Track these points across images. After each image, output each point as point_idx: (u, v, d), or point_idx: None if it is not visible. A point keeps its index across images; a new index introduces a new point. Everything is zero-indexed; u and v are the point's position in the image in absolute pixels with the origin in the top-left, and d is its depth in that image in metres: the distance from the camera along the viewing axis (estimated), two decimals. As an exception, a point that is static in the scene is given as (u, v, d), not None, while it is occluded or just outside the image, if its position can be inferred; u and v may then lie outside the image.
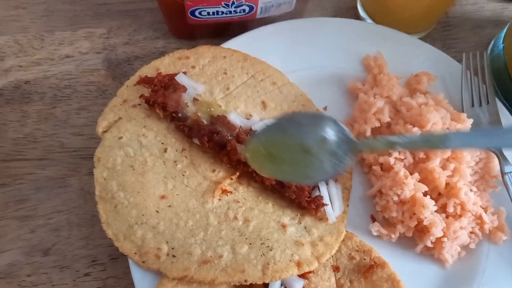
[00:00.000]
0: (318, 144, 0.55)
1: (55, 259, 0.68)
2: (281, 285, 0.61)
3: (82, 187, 0.72)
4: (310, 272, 0.62)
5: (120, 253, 0.61)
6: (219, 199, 0.65)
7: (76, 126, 0.76)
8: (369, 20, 0.86)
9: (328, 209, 0.65)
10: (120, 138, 0.66)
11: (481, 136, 0.53)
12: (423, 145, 0.54)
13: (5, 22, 0.84)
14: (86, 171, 0.73)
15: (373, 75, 0.75)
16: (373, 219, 0.69)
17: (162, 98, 0.66)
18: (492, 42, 0.85)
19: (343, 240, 0.66)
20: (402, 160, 0.68)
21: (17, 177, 0.72)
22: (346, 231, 0.66)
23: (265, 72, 0.74)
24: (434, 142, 0.52)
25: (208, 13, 0.74)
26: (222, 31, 0.80)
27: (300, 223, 0.65)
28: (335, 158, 0.54)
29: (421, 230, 0.66)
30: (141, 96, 0.67)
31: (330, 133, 0.54)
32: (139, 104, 0.69)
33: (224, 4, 0.72)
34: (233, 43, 0.75)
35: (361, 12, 0.87)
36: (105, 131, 0.67)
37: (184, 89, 0.68)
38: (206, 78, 0.72)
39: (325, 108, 0.75)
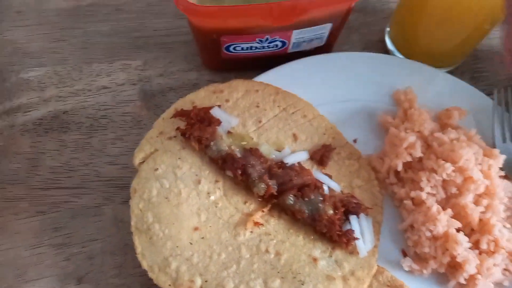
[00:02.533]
0: None
1: (89, 287, 0.69)
2: (313, 320, 0.61)
3: (115, 215, 0.74)
4: (342, 307, 0.62)
5: (153, 282, 0.62)
6: (251, 232, 0.66)
7: (111, 156, 0.79)
8: (397, 53, 0.87)
9: (359, 243, 0.66)
10: (156, 169, 0.68)
11: None
12: None
13: (46, 53, 0.87)
14: (120, 200, 0.75)
15: (403, 109, 0.76)
16: (404, 254, 0.69)
17: (197, 131, 0.68)
18: (523, 76, 0.85)
19: (374, 274, 0.65)
20: (434, 195, 0.68)
21: (55, 204, 0.75)
22: (377, 265, 0.66)
23: (296, 105, 0.76)
24: None
25: (242, 48, 0.76)
26: (253, 64, 0.82)
27: (331, 256, 0.66)
28: None
29: (454, 266, 0.66)
30: (177, 128, 0.69)
31: None
32: (174, 137, 0.70)
33: (258, 40, 0.74)
34: (265, 77, 0.77)
35: (390, 45, 0.88)
36: (141, 163, 0.69)
37: (218, 122, 0.70)
38: (239, 111, 0.73)
39: (355, 141, 0.76)
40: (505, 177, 0.71)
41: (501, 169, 0.71)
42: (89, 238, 0.72)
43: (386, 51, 0.89)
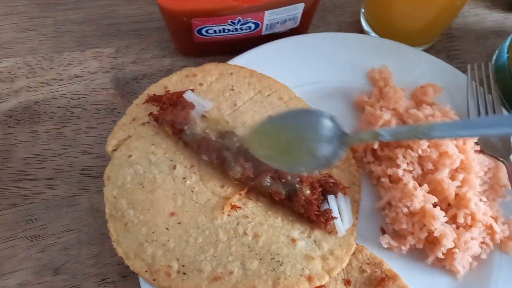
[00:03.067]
0: (314, 134, 0.60)
1: (65, 278, 0.68)
2: (293, 300, 0.61)
3: (91, 205, 0.73)
4: (321, 286, 0.62)
5: (130, 270, 0.61)
6: (228, 215, 0.65)
7: (85, 145, 0.77)
8: (373, 34, 0.87)
9: (337, 222, 0.65)
10: (130, 156, 0.67)
11: (466, 126, 0.56)
12: (408, 135, 0.58)
13: (15, 44, 0.85)
14: (95, 189, 0.74)
15: (378, 88, 0.76)
16: (383, 231, 0.69)
17: (170, 115, 0.66)
18: (496, 52, 0.85)
19: (354, 253, 0.65)
20: (410, 171, 0.68)
21: (27, 196, 0.73)
22: (356, 244, 0.66)
23: (272, 88, 0.75)
24: (419, 132, 0.55)
25: (215, 31, 0.75)
26: (228, 48, 0.81)
27: (310, 237, 0.65)
28: (330, 148, 0.60)
29: (432, 241, 0.66)
30: (150, 114, 0.68)
31: (326, 125, 0.60)
32: (147, 122, 0.69)
33: (230, 22, 0.73)
34: (239, 60, 0.76)
35: (365, 26, 0.88)
36: (114, 150, 0.68)
37: (192, 106, 0.68)
38: (214, 95, 0.72)
39: (331, 122, 0.76)
40: (480, 151, 0.72)
41: (476, 143, 0.71)
42: (65, 229, 0.71)
43: (362, 32, 0.88)
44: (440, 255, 0.65)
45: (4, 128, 0.78)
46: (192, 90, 0.71)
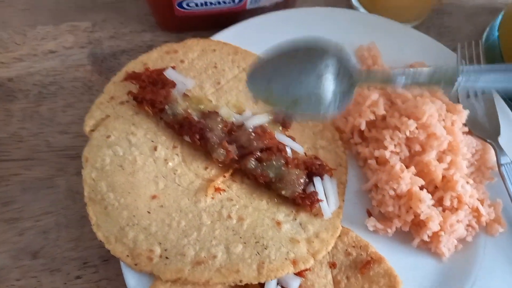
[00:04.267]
0: (317, 81, 0.55)
1: (44, 262, 0.66)
2: (277, 284, 0.60)
3: (70, 187, 0.70)
4: (306, 269, 0.61)
5: (112, 254, 0.60)
6: (212, 198, 0.63)
7: (62, 124, 0.74)
8: (362, 9, 0.84)
9: (323, 204, 0.64)
10: (108, 137, 0.64)
11: (496, 71, 0.52)
12: (431, 80, 0.51)
13: (-16, 17, 0.80)
14: (74, 170, 0.71)
15: (367, 66, 0.73)
16: (369, 214, 0.68)
17: (150, 94, 0.64)
18: (487, 30, 0.83)
19: (339, 236, 0.64)
20: (397, 153, 0.67)
21: (3, 178, 0.70)
22: (342, 226, 0.65)
23: (257, 65, 0.72)
24: (444, 76, 0.50)
25: (196, 4, 0.72)
26: (211, 24, 0.78)
27: (295, 219, 0.64)
28: (339, 89, 0.54)
29: (418, 224, 0.65)
30: (129, 92, 0.65)
31: (331, 68, 0.55)
32: (127, 101, 0.66)
33: (213, -5, 0.70)
34: (222, 36, 0.73)
35: (354, 1, 0.85)
36: (92, 130, 0.65)
37: (173, 84, 0.66)
38: (196, 72, 0.70)
39: (318, 101, 0.74)
40: (468, 132, 0.71)
41: (464, 124, 0.70)
42: (43, 211, 0.69)
43: (350, 7, 0.85)
44: (426, 238, 0.64)
45: (-25, 107, 0.74)
46: (173, 67, 0.68)
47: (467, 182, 0.67)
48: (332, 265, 0.64)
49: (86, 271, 0.66)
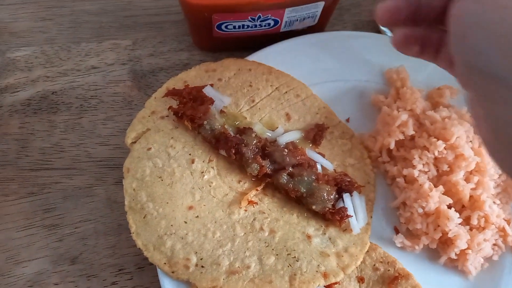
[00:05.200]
0: None
1: (82, 268, 0.69)
2: (308, 296, 0.62)
3: (108, 196, 0.74)
4: (336, 283, 0.63)
5: (147, 262, 0.62)
6: (245, 210, 0.66)
7: (102, 136, 0.78)
8: (389, 33, 0.87)
9: (352, 220, 0.66)
10: (149, 149, 0.67)
11: None
12: None
13: (32, 33, 0.85)
14: (112, 180, 0.75)
15: (395, 88, 0.76)
16: (397, 231, 0.70)
17: (190, 110, 0.67)
18: None
19: (368, 251, 0.66)
20: (426, 172, 0.69)
21: (45, 186, 0.74)
22: (370, 242, 0.67)
23: (289, 85, 0.75)
24: None
25: (234, 27, 0.75)
26: (244, 44, 0.82)
27: (325, 234, 0.66)
28: None
29: (445, 242, 0.67)
30: (170, 108, 0.69)
31: None
32: (167, 116, 0.70)
33: (250, 18, 0.73)
34: (258, 56, 0.76)
35: (381, 25, 0.88)
36: (133, 142, 0.69)
37: (211, 101, 0.69)
38: (232, 90, 0.73)
39: (347, 120, 0.76)
40: (495, 154, 0.72)
41: (491, 146, 0.71)
42: (82, 219, 0.72)
43: (378, 31, 0.88)
44: (453, 256, 0.66)
45: (21, 117, 0.78)
46: (211, 85, 0.72)
47: (494, 202, 0.68)
48: (361, 280, 0.65)
49: (122, 278, 0.69)
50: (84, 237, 0.71)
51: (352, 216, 0.66)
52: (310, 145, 0.72)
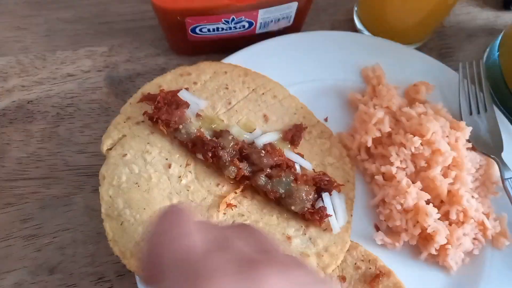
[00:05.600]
0: None
1: (61, 277, 0.68)
2: (289, 297, 0.61)
3: (86, 204, 0.73)
4: (316, 283, 0.62)
5: (127, 269, 0.61)
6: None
7: (80, 144, 0.77)
8: (366, 32, 0.87)
9: (332, 219, 0.66)
10: (125, 155, 0.67)
11: None
12: None
13: (6, 43, 0.84)
14: (90, 188, 0.74)
15: (372, 86, 0.76)
16: (377, 228, 0.70)
17: (165, 114, 0.67)
18: (487, 50, 0.86)
19: (348, 250, 0.66)
20: (404, 169, 0.69)
21: (22, 196, 0.73)
22: (351, 241, 0.66)
23: (266, 86, 0.75)
24: None
25: (209, 30, 0.75)
26: (221, 47, 0.81)
27: (305, 234, 0.66)
28: None
29: (425, 238, 0.67)
30: (145, 113, 0.68)
31: None
32: (142, 121, 0.69)
33: (224, 20, 0.73)
34: (233, 58, 0.76)
35: (358, 25, 0.89)
36: (109, 149, 0.68)
37: (187, 105, 0.69)
38: (208, 93, 0.73)
39: (326, 119, 0.76)
40: (472, 148, 0.73)
41: (467, 141, 0.72)
42: (60, 228, 0.71)
43: (355, 31, 0.89)
44: (433, 251, 0.66)
45: (-3, 128, 0.77)
46: (187, 89, 0.71)
47: (472, 197, 0.68)
48: (342, 279, 0.65)
49: (102, 286, 0.68)
50: (63, 246, 0.70)
51: (331, 215, 0.66)
52: (289, 146, 0.72)
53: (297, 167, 0.69)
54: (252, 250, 0.40)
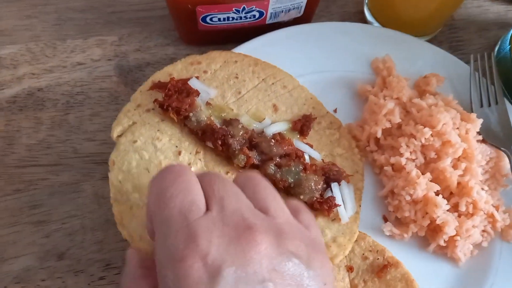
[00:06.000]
0: None
1: (70, 263, 0.68)
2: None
3: (95, 192, 0.73)
4: (324, 272, 0.62)
5: (135, 255, 0.62)
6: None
7: (89, 132, 0.77)
8: (376, 24, 0.87)
9: (340, 209, 0.66)
10: (135, 142, 0.67)
11: None
12: None
13: (17, 31, 0.85)
14: (99, 176, 0.74)
15: (382, 77, 0.76)
16: (385, 219, 0.70)
17: (176, 102, 0.67)
18: (498, 44, 0.86)
19: (356, 240, 0.66)
20: (413, 160, 0.69)
21: (31, 182, 0.73)
22: (359, 231, 0.66)
23: (276, 76, 0.75)
24: None
25: (219, 19, 0.75)
26: (231, 37, 0.81)
27: (313, 224, 0.66)
28: None
29: (434, 229, 0.67)
30: (155, 100, 0.68)
31: None
32: (152, 109, 0.69)
33: (235, 10, 0.73)
34: (244, 48, 0.76)
35: (368, 16, 0.88)
36: (119, 136, 0.68)
37: (197, 93, 0.69)
38: (218, 82, 0.73)
39: (335, 111, 0.76)
40: (483, 141, 0.72)
41: (478, 133, 0.71)
42: (69, 215, 0.71)
43: (365, 22, 0.89)
44: (442, 243, 0.65)
45: (7, 115, 0.78)
46: (197, 77, 0.71)
47: (482, 189, 0.68)
48: (350, 269, 0.65)
49: (110, 273, 0.68)
50: (71, 233, 0.70)
51: (340, 205, 0.66)
52: (298, 136, 0.71)
53: (306, 157, 0.69)
54: (251, 213, 0.44)
